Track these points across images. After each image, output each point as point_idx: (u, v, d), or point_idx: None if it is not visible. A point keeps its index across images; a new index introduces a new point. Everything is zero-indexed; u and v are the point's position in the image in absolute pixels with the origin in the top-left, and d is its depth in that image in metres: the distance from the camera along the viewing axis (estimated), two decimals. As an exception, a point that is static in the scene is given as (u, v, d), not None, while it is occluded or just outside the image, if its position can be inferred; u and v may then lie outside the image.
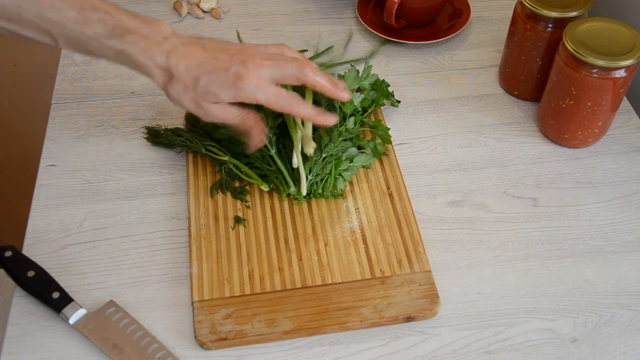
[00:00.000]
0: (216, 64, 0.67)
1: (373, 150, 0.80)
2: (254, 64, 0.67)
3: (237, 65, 0.67)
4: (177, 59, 0.67)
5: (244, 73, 0.66)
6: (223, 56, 0.68)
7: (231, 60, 0.67)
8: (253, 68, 0.67)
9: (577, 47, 0.76)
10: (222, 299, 0.69)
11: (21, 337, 0.68)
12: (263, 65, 0.68)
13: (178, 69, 0.67)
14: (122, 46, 0.66)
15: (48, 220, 0.78)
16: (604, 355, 0.67)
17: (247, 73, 0.66)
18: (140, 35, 0.66)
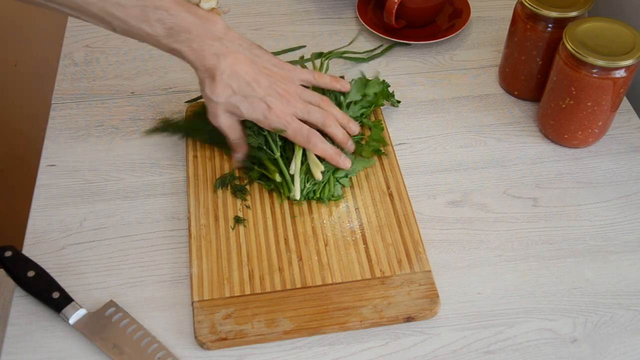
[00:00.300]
0: (255, 88, 0.72)
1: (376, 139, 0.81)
2: (288, 101, 0.74)
3: (273, 96, 0.73)
4: (224, 65, 0.71)
5: (275, 106, 0.73)
6: (264, 81, 0.73)
7: (270, 89, 0.73)
8: (285, 104, 0.73)
9: (577, 47, 0.76)
10: (222, 299, 0.69)
11: (21, 337, 0.68)
12: (296, 105, 0.74)
13: (222, 76, 0.71)
14: (175, 45, 0.71)
15: (48, 220, 0.78)
16: (604, 355, 0.67)
17: (279, 107, 0.73)
18: (194, 35, 0.70)
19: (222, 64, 0.71)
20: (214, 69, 0.71)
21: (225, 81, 0.71)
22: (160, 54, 0.98)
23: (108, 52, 0.98)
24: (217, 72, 0.71)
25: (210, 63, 0.71)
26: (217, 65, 0.71)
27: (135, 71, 0.95)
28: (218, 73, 0.71)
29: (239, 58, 0.72)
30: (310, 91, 0.77)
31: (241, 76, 0.72)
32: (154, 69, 0.95)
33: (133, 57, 0.97)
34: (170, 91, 0.92)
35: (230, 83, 0.72)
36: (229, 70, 0.71)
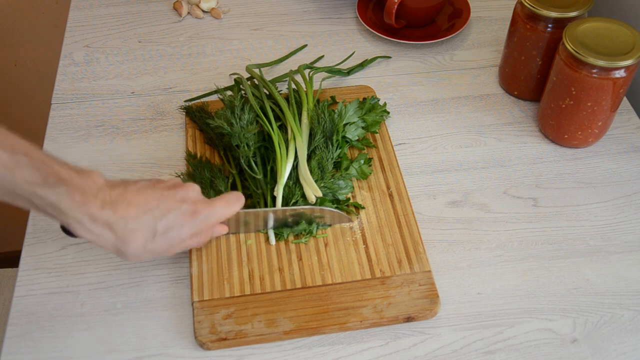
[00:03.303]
0: (164, 208, 0.63)
1: (358, 172, 0.79)
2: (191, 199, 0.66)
3: (180, 203, 0.65)
4: (121, 210, 0.61)
5: (195, 208, 0.65)
6: (159, 201, 0.64)
7: (169, 201, 0.64)
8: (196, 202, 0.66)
9: (577, 47, 0.76)
10: (222, 299, 0.69)
11: (21, 337, 0.68)
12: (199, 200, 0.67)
13: (127, 225, 0.61)
14: (54, 198, 0.59)
15: (48, 220, 0.77)
16: (604, 355, 0.67)
17: (198, 207, 0.65)
18: (74, 187, 0.60)
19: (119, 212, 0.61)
20: (112, 224, 0.61)
21: (136, 226, 0.62)
22: (160, 53, 0.98)
23: (108, 52, 0.98)
24: (119, 225, 0.61)
25: (103, 217, 0.61)
26: (114, 219, 0.61)
27: (135, 71, 0.95)
28: (121, 226, 0.62)
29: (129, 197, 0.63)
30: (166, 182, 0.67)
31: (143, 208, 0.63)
32: (154, 69, 0.95)
33: (133, 57, 0.97)
34: (170, 91, 0.92)
35: (143, 222, 0.62)
36: (132, 212, 0.62)
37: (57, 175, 0.59)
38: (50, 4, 1.30)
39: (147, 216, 0.62)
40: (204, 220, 0.66)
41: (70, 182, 0.60)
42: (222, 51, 0.98)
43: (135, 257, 0.63)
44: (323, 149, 0.77)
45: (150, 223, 0.62)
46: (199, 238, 0.68)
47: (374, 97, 0.87)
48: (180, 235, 0.65)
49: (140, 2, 1.06)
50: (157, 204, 0.63)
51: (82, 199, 0.60)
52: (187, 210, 0.65)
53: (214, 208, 0.67)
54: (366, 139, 0.83)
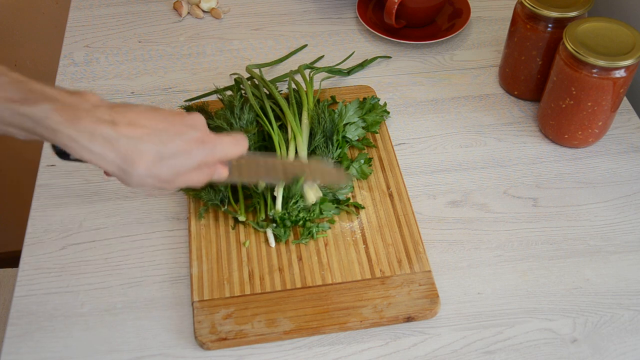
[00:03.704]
0: (172, 132, 0.59)
1: (359, 172, 0.79)
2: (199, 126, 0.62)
3: (189, 129, 0.60)
4: (123, 129, 0.56)
5: (203, 137, 0.61)
6: (166, 124, 0.59)
7: (177, 126, 0.60)
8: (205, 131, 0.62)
9: (577, 47, 0.76)
10: (222, 299, 0.69)
11: (21, 337, 0.68)
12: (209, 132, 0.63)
13: (132, 144, 0.56)
14: (41, 114, 0.53)
15: (48, 220, 0.78)
16: (604, 355, 0.67)
17: (206, 137, 0.61)
18: (63, 104, 0.54)
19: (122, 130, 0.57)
20: (113, 142, 0.57)
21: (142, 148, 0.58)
22: (160, 53, 0.98)
23: (108, 52, 0.98)
24: (123, 143, 0.57)
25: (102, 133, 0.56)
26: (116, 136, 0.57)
27: (135, 71, 0.95)
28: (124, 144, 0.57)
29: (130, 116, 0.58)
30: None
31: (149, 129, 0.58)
32: (154, 69, 0.95)
33: (133, 57, 0.97)
34: (170, 91, 0.92)
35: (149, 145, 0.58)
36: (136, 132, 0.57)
37: (41, 92, 0.55)
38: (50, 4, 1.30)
39: (153, 137, 0.57)
40: (211, 151, 0.61)
41: (57, 99, 0.55)
42: (222, 51, 0.98)
43: (140, 181, 0.58)
44: (323, 148, 0.78)
45: (157, 145, 0.57)
46: (202, 174, 0.63)
47: (373, 96, 0.87)
48: (186, 163, 0.60)
49: (140, 2, 1.06)
50: (165, 126, 0.58)
51: (73, 116, 0.54)
52: (196, 137, 0.60)
53: (222, 140, 0.62)
54: (366, 139, 0.83)
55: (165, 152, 0.58)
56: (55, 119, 0.54)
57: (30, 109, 0.54)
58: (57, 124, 0.54)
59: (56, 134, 0.54)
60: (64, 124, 0.54)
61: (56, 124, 0.54)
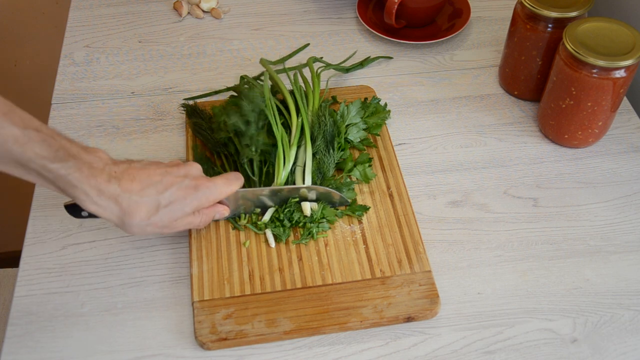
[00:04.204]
0: (166, 182, 0.66)
1: (362, 175, 0.79)
2: (192, 175, 0.68)
3: (182, 179, 0.67)
4: (126, 184, 0.63)
5: (197, 183, 0.67)
6: (162, 176, 0.66)
7: (172, 176, 0.66)
8: (198, 178, 0.68)
9: (577, 47, 0.76)
10: (222, 299, 0.69)
11: (21, 337, 0.68)
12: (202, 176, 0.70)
13: (132, 198, 0.63)
14: (64, 171, 0.61)
15: (48, 220, 0.78)
16: (604, 355, 0.67)
17: (199, 182, 0.68)
18: (82, 162, 0.62)
19: (124, 185, 0.64)
20: (117, 197, 0.64)
21: (140, 199, 0.64)
22: (160, 53, 0.98)
23: (108, 52, 0.98)
24: (124, 197, 0.64)
25: (109, 191, 0.63)
26: (120, 191, 0.64)
27: (135, 71, 0.95)
28: (125, 198, 0.64)
29: (132, 172, 0.65)
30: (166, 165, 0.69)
31: (146, 182, 0.65)
32: (154, 69, 0.95)
33: (133, 57, 0.97)
34: (170, 91, 0.92)
35: (146, 196, 0.65)
36: (136, 186, 0.64)
37: (66, 150, 0.61)
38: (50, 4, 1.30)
39: (150, 189, 0.64)
40: (205, 195, 0.68)
41: (78, 156, 0.62)
42: (222, 51, 0.98)
43: (139, 229, 0.65)
44: (324, 153, 0.77)
45: (153, 196, 0.64)
46: (201, 216, 0.69)
47: (375, 97, 0.86)
48: (182, 209, 0.67)
49: (140, 2, 1.06)
50: (160, 179, 0.65)
51: (89, 172, 0.62)
52: (189, 184, 0.67)
53: (215, 184, 0.69)
54: (367, 139, 0.83)
55: (162, 201, 0.65)
56: (76, 176, 0.61)
57: (57, 166, 0.61)
58: (77, 180, 0.61)
59: (74, 189, 0.62)
60: (82, 181, 0.62)
61: (76, 180, 0.61)
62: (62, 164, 0.61)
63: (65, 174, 0.61)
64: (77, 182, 0.61)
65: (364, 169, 0.79)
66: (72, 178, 0.61)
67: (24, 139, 0.59)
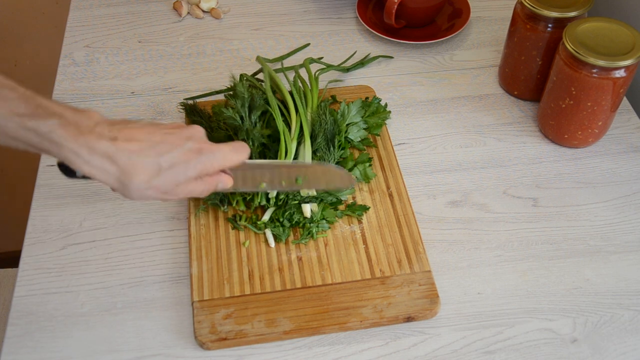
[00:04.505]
0: (168, 144, 0.61)
1: (362, 174, 0.79)
2: (196, 137, 0.63)
3: (186, 141, 0.62)
4: (122, 144, 0.58)
5: (201, 146, 0.63)
6: (163, 137, 0.61)
7: (174, 137, 0.62)
8: (202, 141, 0.64)
9: (577, 47, 0.76)
10: (222, 299, 0.69)
11: (21, 337, 0.68)
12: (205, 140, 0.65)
13: (130, 157, 0.58)
14: (46, 128, 0.55)
15: (48, 220, 0.78)
16: (604, 355, 0.67)
17: (204, 146, 0.63)
18: (67, 120, 0.57)
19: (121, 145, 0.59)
20: (113, 156, 0.59)
21: (140, 160, 0.60)
22: (160, 53, 0.98)
23: (108, 52, 0.98)
24: (122, 157, 0.59)
25: (102, 149, 0.59)
26: (117, 151, 0.59)
27: (135, 71, 0.95)
28: (124, 158, 0.59)
29: (129, 132, 0.60)
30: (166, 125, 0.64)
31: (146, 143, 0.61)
32: (154, 69, 0.95)
33: (133, 57, 0.97)
34: (170, 91, 0.92)
35: (146, 157, 0.60)
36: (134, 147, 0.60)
37: (47, 108, 0.57)
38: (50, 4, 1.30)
39: (150, 150, 0.59)
40: (209, 159, 0.63)
41: (62, 115, 0.57)
42: (222, 51, 0.98)
43: (140, 193, 0.60)
44: (325, 151, 0.77)
45: (154, 157, 0.59)
46: (204, 184, 0.64)
47: (375, 97, 0.87)
48: (185, 173, 0.61)
49: (140, 2, 1.06)
50: (161, 139, 0.60)
51: (76, 131, 0.57)
52: (193, 147, 0.62)
53: (220, 149, 0.64)
54: (366, 139, 0.83)
55: (163, 164, 0.60)
56: (59, 133, 0.56)
57: (37, 123, 0.56)
58: (61, 138, 0.56)
59: (60, 148, 0.57)
60: (67, 139, 0.56)
61: (60, 138, 0.56)
62: (43, 122, 0.56)
63: (47, 131, 0.56)
64: (62, 140, 0.56)
65: (364, 168, 0.79)
66: (56, 136, 0.56)
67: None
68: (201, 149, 0.62)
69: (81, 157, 0.57)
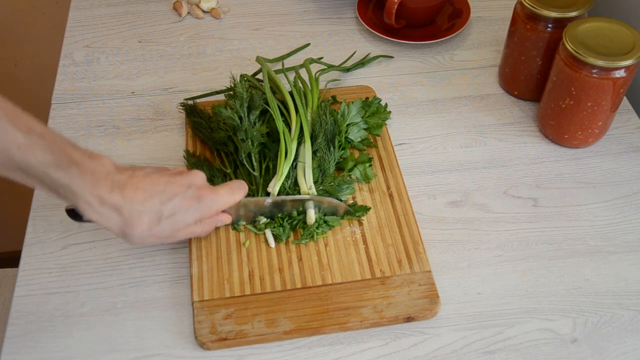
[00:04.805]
0: (170, 193, 0.65)
1: (362, 174, 0.79)
2: (196, 184, 0.67)
3: (186, 189, 0.66)
4: (129, 194, 0.62)
5: (200, 193, 0.67)
6: (166, 186, 0.65)
7: (175, 186, 0.65)
8: (201, 188, 0.67)
9: (577, 47, 0.76)
10: (222, 299, 0.69)
11: (21, 337, 0.68)
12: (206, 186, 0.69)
13: (134, 207, 0.62)
14: (67, 180, 0.60)
15: (48, 220, 0.78)
16: (604, 355, 0.67)
17: (203, 193, 0.67)
18: (85, 169, 0.61)
19: (128, 194, 0.63)
20: (119, 206, 0.63)
21: (143, 209, 0.63)
22: (160, 53, 0.98)
23: (108, 52, 0.98)
24: (126, 207, 0.63)
25: (112, 201, 0.62)
26: (122, 201, 0.63)
27: (135, 71, 0.95)
28: (127, 207, 0.63)
29: (136, 181, 0.64)
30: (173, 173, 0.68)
31: (150, 193, 0.64)
32: (154, 69, 0.95)
33: (133, 57, 0.97)
34: (170, 91, 0.92)
35: (150, 206, 0.64)
36: (139, 196, 0.63)
37: (70, 158, 0.60)
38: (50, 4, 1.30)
39: (153, 200, 0.63)
40: (208, 206, 0.67)
41: (81, 164, 0.61)
42: (222, 51, 0.98)
43: (140, 240, 0.64)
44: (325, 151, 0.77)
45: (156, 207, 0.63)
46: (203, 226, 0.69)
47: (376, 97, 0.87)
48: (185, 220, 0.66)
49: (140, 2, 1.06)
50: (164, 188, 0.64)
51: (92, 181, 0.61)
52: (192, 195, 0.66)
53: (218, 194, 0.68)
54: (367, 139, 0.83)
55: (164, 212, 0.64)
56: (78, 183, 0.60)
57: (60, 174, 0.60)
58: (79, 189, 0.61)
59: (75, 197, 0.61)
60: (84, 191, 0.61)
61: (79, 189, 0.61)
62: (65, 172, 0.60)
63: (68, 183, 0.60)
64: (79, 190, 0.61)
65: (364, 168, 0.79)
66: (75, 186, 0.60)
67: (26, 145, 0.58)
68: (200, 197, 0.67)
69: (92, 207, 0.61)
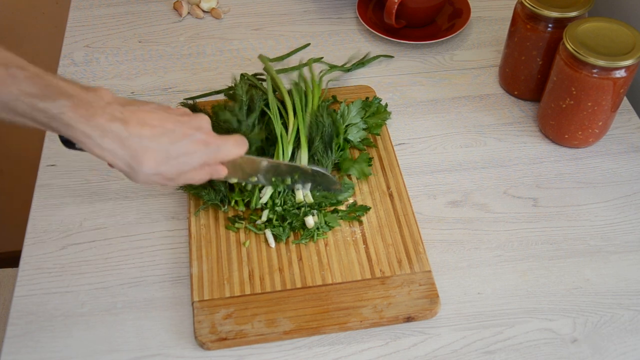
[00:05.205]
0: (180, 133, 0.62)
1: (358, 172, 0.79)
2: (204, 129, 0.65)
3: (195, 131, 0.63)
4: (134, 128, 0.59)
5: (208, 139, 0.64)
6: (175, 125, 0.62)
7: (185, 127, 0.63)
8: (209, 133, 0.65)
9: (577, 47, 0.76)
10: (222, 299, 0.69)
11: (21, 337, 0.68)
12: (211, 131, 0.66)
13: (142, 142, 0.59)
14: (56, 110, 0.55)
15: (48, 220, 0.78)
16: (604, 355, 0.67)
17: (211, 138, 0.65)
18: (78, 101, 0.56)
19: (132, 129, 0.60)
20: (124, 139, 0.60)
21: (150, 146, 0.61)
22: (160, 53, 0.98)
23: (108, 52, 0.98)
24: (134, 142, 0.60)
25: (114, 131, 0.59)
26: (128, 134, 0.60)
27: (135, 71, 0.95)
28: (136, 142, 0.60)
29: (141, 115, 0.61)
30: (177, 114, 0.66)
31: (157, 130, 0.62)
32: (154, 69, 0.95)
33: (133, 57, 0.97)
34: (170, 91, 0.92)
35: (157, 144, 0.61)
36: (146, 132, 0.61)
37: (58, 88, 0.56)
38: (50, 4, 1.30)
39: (162, 138, 0.60)
40: (214, 152, 0.65)
41: (73, 94, 0.57)
42: (222, 51, 0.98)
43: (146, 178, 0.61)
44: (322, 154, 0.77)
45: (165, 145, 0.61)
46: (203, 173, 0.66)
47: (376, 97, 0.86)
48: (190, 163, 0.63)
49: (140, 2, 1.06)
50: (173, 127, 0.61)
51: (87, 112, 0.56)
52: (201, 139, 0.63)
53: (226, 142, 0.66)
54: (367, 139, 0.83)
55: (172, 152, 0.61)
56: (70, 115, 0.56)
57: (47, 104, 0.55)
58: (72, 120, 0.56)
59: (70, 130, 0.57)
60: (79, 121, 0.56)
61: (71, 120, 0.56)
62: (53, 103, 0.55)
63: (58, 113, 0.55)
64: (73, 122, 0.56)
65: (360, 166, 0.79)
66: (67, 117, 0.55)
67: (6, 77, 0.55)
68: (207, 141, 0.64)
69: (93, 140, 0.57)
